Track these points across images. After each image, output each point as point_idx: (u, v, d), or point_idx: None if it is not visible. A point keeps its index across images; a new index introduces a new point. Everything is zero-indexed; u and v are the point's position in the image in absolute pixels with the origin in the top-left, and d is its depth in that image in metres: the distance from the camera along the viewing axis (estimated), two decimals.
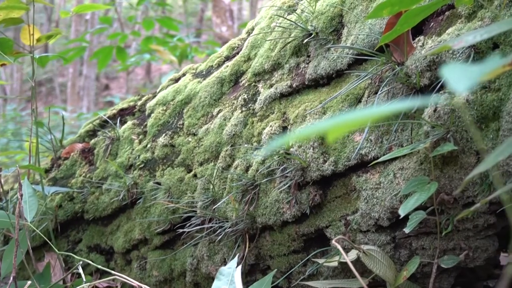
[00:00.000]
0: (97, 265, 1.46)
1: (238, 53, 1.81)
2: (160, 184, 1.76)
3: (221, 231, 1.49)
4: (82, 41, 4.85)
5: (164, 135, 1.83)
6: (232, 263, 1.18)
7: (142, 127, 1.96)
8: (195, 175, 1.68)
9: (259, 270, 1.54)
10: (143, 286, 1.26)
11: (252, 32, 1.80)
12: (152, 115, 1.93)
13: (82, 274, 1.34)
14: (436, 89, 1.15)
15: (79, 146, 2.14)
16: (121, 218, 1.89)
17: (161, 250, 1.75)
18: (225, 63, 1.84)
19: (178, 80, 1.99)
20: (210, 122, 1.72)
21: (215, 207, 1.55)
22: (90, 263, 1.49)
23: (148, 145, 1.87)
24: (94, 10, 3.13)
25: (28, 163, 1.94)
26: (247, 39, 1.79)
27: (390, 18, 1.21)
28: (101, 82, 14.92)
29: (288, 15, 1.66)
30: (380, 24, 1.33)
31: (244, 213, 1.47)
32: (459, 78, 0.41)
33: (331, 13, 1.49)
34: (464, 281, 1.37)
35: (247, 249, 1.48)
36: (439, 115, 1.12)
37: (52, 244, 1.58)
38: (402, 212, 1.09)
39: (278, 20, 1.69)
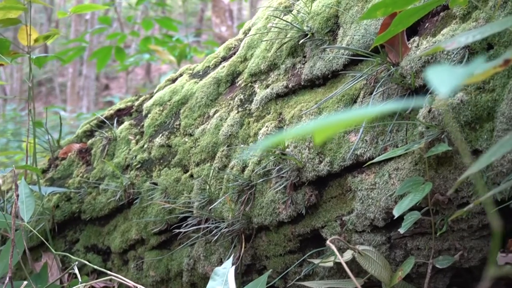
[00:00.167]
0: (94, 266, 1.46)
1: (235, 54, 1.81)
2: (157, 185, 1.76)
3: (217, 231, 1.49)
4: (82, 41, 4.85)
5: (161, 136, 1.83)
6: (227, 264, 1.18)
7: (139, 128, 1.96)
8: (192, 176, 1.68)
9: (255, 270, 1.54)
10: (139, 287, 1.26)
11: (249, 33, 1.80)
12: (149, 116, 1.93)
13: (78, 275, 1.34)
14: (431, 90, 1.15)
15: (77, 147, 2.14)
16: (118, 218, 1.89)
17: (158, 250, 1.75)
18: (222, 64, 1.84)
19: (175, 81, 1.99)
20: (207, 123, 1.72)
21: (212, 208, 1.55)
22: (87, 264, 1.49)
23: (145, 146, 1.87)
24: (93, 10, 3.13)
25: (25, 164, 1.95)
26: (244, 40, 1.79)
27: (385, 19, 1.22)
28: (101, 82, 14.91)
29: (284, 16, 1.66)
30: (375, 25, 1.33)
31: (240, 214, 1.47)
32: (443, 80, 0.41)
33: (327, 14, 1.49)
34: (460, 281, 1.37)
35: (243, 250, 1.48)
36: (434, 116, 1.12)
37: (49, 244, 1.58)
38: (397, 213, 1.09)
39: (275, 21, 1.69)
